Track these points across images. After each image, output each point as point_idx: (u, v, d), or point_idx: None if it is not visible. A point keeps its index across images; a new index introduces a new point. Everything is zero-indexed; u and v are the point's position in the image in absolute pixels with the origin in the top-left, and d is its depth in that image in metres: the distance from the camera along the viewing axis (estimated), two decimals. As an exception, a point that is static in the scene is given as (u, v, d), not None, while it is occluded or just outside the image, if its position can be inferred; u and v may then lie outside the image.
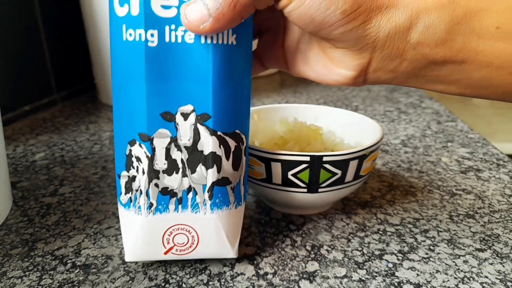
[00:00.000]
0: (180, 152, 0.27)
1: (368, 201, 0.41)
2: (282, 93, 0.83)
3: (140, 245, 0.29)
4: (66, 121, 0.66)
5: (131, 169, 0.27)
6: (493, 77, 0.25)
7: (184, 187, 0.28)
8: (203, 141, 0.27)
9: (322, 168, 0.32)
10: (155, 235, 0.29)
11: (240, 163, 0.29)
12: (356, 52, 0.25)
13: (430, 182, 0.45)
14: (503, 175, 0.46)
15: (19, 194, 0.42)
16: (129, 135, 0.27)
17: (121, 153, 0.28)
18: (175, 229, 0.29)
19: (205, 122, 0.26)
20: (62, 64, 0.74)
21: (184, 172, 0.27)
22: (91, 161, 0.50)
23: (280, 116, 0.43)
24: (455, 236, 0.35)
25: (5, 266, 0.31)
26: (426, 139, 0.57)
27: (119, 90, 0.26)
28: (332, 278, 0.30)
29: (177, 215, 0.28)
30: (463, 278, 0.30)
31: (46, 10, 0.68)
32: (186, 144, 0.27)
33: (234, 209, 0.30)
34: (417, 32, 0.24)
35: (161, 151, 0.27)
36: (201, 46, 0.25)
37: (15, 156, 0.51)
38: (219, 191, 0.28)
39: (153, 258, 0.30)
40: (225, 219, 0.29)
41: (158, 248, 0.29)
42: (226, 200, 0.29)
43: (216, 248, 0.30)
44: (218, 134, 0.27)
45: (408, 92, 0.84)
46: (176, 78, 0.25)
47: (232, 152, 0.28)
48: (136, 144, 0.27)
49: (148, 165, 0.27)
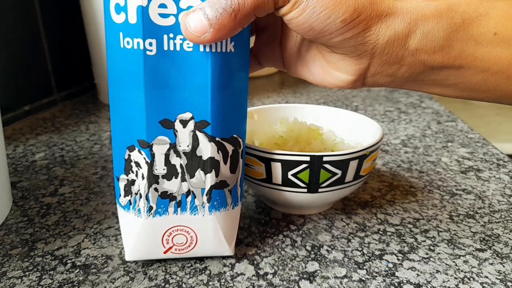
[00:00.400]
0: (179, 158, 0.27)
1: (368, 201, 0.41)
2: (282, 93, 0.83)
3: (140, 245, 0.29)
4: (66, 121, 0.66)
5: (130, 173, 0.28)
6: (490, 82, 0.25)
7: (183, 191, 0.28)
8: (201, 147, 0.27)
9: (322, 168, 0.32)
10: (154, 236, 0.29)
11: (237, 166, 0.29)
12: (355, 58, 0.25)
13: (430, 182, 0.45)
14: (503, 175, 0.46)
15: (19, 194, 0.42)
16: (128, 141, 0.27)
17: (120, 157, 0.28)
18: (174, 230, 0.29)
19: (204, 129, 0.27)
20: (62, 64, 0.74)
21: (183, 177, 0.28)
22: (91, 161, 0.50)
23: (280, 116, 0.43)
24: (455, 236, 0.35)
25: (5, 266, 0.31)
26: (426, 139, 0.57)
27: (117, 96, 0.26)
28: (332, 278, 0.30)
29: (176, 217, 0.29)
30: (463, 278, 0.30)
31: (46, 10, 0.68)
32: (185, 150, 0.27)
33: (231, 210, 0.30)
34: (415, 39, 0.24)
35: (161, 157, 0.27)
36: (200, 54, 0.25)
37: (15, 156, 0.51)
38: (217, 194, 0.29)
39: (152, 257, 0.30)
40: (222, 219, 0.29)
41: (157, 248, 0.29)
42: (223, 202, 0.29)
43: (214, 247, 0.30)
44: (216, 140, 0.27)
45: (408, 92, 0.84)
46: (174, 86, 0.25)
47: (229, 156, 0.28)
48: (135, 150, 0.27)
49: (148, 171, 0.27)
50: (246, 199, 0.41)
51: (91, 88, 0.81)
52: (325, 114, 0.44)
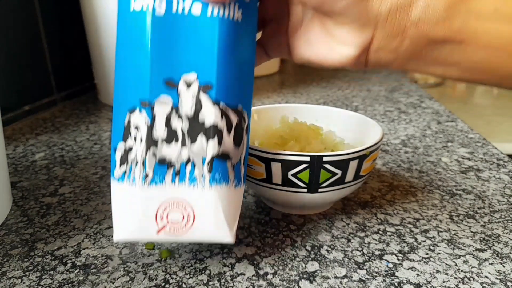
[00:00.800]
0: (181, 121, 0.26)
1: (368, 201, 0.41)
2: (282, 93, 0.83)
3: (131, 222, 0.27)
4: (66, 121, 0.66)
5: (129, 139, 0.27)
6: (492, 59, 0.25)
7: (182, 159, 0.27)
8: (204, 111, 0.26)
9: (322, 168, 0.32)
10: (148, 209, 0.27)
11: (241, 141, 0.28)
12: (358, 29, 0.25)
13: (430, 182, 0.45)
14: (503, 175, 0.46)
15: (19, 194, 0.42)
16: (129, 103, 0.27)
17: (120, 123, 0.27)
18: (170, 204, 0.27)
19: (208, 91, 0.26)
20: (62, 64, 0.74)
21: (183, 142, 0.27)
22: (91, 161, 0.50)
23: (280, 116, 0.43)
24: (455, 236, 0.35)
25: (5, 266, 0.31)
26: (426, 139, 0.57)
27: (123, 59, 0.27)
28: (332, 278, 0.30)
29: (174, 188, 0.27)
30: (463, 278, 0.30)
31: (46, 10, 0.68)
32: (188, 113, 0.26)
33: (234, 189, 0.28)
34: (417, 9, 0.24)
35: (161, 119, 0.26)
36: (208, 18, 0.25)
37: (15, 156, 0.51)
38: (219, 165, 0.27)
39: (144, 238, 0.28)
40: (224, 196, 0.27)
41: (150, 226, 0.27)
42: (225, 176, 0.27)
43: (213, 230, 0.27)
44: (220, 105, 0.27)
45: (408, 92, 0.84)
46: (181, 47, 0.26)
47: (233, 128, 0.27)
48: (136, 111, 0.26)
49: (147, 133, 0.26)
50: (246, 199, 0.41)
51: (91, 88, 0.81)
52: (325, 114, 0.44)
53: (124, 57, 0.27)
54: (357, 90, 0.86)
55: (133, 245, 0.33)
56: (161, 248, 0.33)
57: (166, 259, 0.32)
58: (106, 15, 0.65)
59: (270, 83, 0.93)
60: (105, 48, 0.69)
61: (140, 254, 0.32)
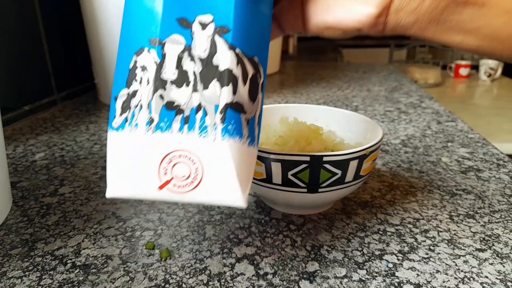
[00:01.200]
0: (193, 64, 0.24)
1: (368, 201, 0.41)
2: (282, 93, 0.83)
3: (129, 174, 0.24)
4: (66, 121, 0.66)
5: (133, 83, 0.24)
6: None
7: (193, 105, 0.24)
8: (219, 56, 0.24)
9: (322, 168, 0.32)
10: (151, 160, 0.24)
11: (256, 96, 0.26)
12: None
13: (430, 182, 0.45)
14: (503, 175, 0.46)
15: (19, 194, 0.42)
16: (137, 44, 0.25)
17: (124, 68, 0.25)
18: (176, 155, 0.24)
19: (224, 35, 0.24)
20: (62, 64, 0.74)
21: (195, 86, 0.24)
22: (91, 161, 0.50)
23: (280, 116, 0.43)
24: (455, 236, 0.35)
25: (5, 266, 0.31)
26: (426, 139, 0.57)
27: (133, 1, 0.25)
28: (332, 278, 0.30)
29: (181, 137, 0.24)
30: (463, 278, 0.30)
31: (46, 10, 0.68)
32: (201, 55, 0.24)
33: (247, 147, 0.25)
34: None
35: (172, 59, 0.24)
36: None
37: (15, 156, 0.51)
38: (233, 117, 0.24)
39: (142, 195, 0.24)
40: (237, 152, 0.24)
41: (151, 180, 0.24)
42: (239, 129, 0.24)
43: (223, 189, 0.24)
44: (236, 51, 0.24)
45: (408, 92, 0.84)
46: None
47: (249, 78, 0.25)
48: (144, 51, 0.24)
49: (156, 73, 0.24)
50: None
51: (91, 88, 0.81)
52: (325, 114, 0.44)
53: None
54: (357, 90, 0.86)
55: (133, 245, 0.33)
56: (161, 248, 0.33)
57: (166, 259, 0.32)
58: (106, 15, 0.66)
59: (270, 83, 0.93)
60: (105, 48, 0.69)
61: (140, 254, 0.32)
